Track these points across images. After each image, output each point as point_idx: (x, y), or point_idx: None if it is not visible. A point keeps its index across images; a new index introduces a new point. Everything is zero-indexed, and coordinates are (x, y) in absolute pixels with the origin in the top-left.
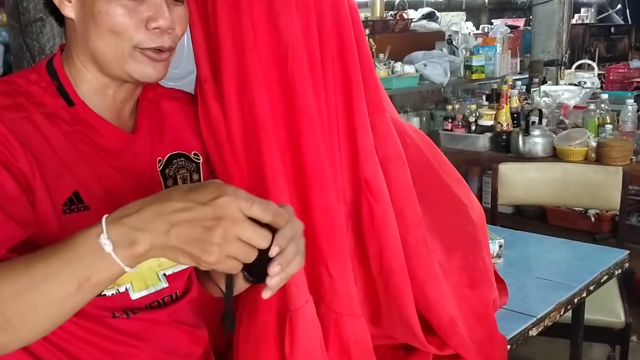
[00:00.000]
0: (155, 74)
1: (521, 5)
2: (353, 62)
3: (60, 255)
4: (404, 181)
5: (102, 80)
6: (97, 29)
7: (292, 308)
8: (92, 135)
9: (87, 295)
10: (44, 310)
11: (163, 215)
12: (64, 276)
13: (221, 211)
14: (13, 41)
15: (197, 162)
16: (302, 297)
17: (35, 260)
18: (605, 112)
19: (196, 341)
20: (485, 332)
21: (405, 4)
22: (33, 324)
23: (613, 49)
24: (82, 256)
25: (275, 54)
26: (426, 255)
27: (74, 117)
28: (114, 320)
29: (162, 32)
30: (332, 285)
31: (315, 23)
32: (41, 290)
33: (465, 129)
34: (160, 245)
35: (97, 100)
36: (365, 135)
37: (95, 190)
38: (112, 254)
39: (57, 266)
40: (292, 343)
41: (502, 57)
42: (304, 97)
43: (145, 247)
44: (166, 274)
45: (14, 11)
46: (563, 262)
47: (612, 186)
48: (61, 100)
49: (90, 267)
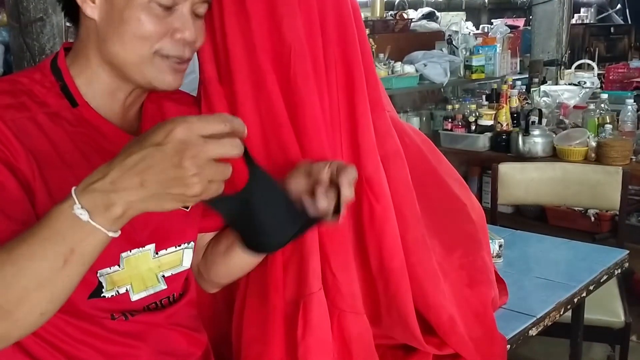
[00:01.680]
0: (174, 82)
1: (521, 5)
2: (356, 61)
3: (39, 235)
4: (404, 180)
5: (115, 82)
6: (123, 33)
7: (308, 292)
8: (95, 137)
9: (77, 268)
10: (35, 291)
11: (129, 170)
12: (48, 254)
13: (180, 143)
14: (13, 41)
15: None
16: (317, 283)
17: (15, 246)
18: (605, 112)
19: (195, 344)
20: (484, 331)
21: (405, 4)
22: (28, 307)
23: (613, 49)
24: (61, 231)
25: (278, 56)
26: (425, 254)
27: (77, 118)
28: (112, 322)
29: (185, 43)
30: (335, 282)
31: (318, 24)
32: (27, 272)
33: (465, 129)
34: (138, 200)
35: (105, 102)
36: (367, 134)
37: None
38: (91, 221)
39: (38, 246)
40: (304, 327)
41: (502, 57)
42: (307, 98)
43: (122, 206)
44: (165, 275)
45: (14, 11)
46: (563, 262)
47: (612, 186)
48: (65, 101)
49: (72, 240)
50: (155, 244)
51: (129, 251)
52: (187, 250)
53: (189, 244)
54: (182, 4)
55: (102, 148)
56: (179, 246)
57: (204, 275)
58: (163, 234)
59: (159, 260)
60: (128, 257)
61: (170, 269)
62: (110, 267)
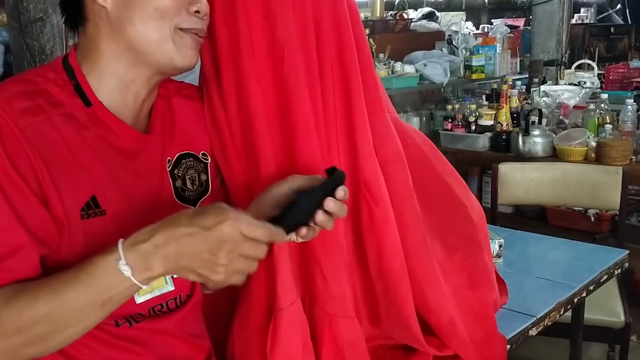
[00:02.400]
0: (195, 58)
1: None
2: (352, 63)
3: (84, 282)
4: (404, 182)
5: (129, 74)
6: (142, 10)
7: (277, 308)
8: (108, 136)
9: (108, 311)
10: (73, 327)
11: (173, 240)
12: (90, 298)
13: (224, 235)
14: (13, 41)
15: (205, 163)
16: (288, 298)
17: (61, 287)
18: (605, 112)
19: (198, 350)
20: (485, 332)
21: (405, 4)
22: (63, 338)
23: (613, 49)
24: (104, 280)
25: (271, 54)
26: (425, 256)
27: (91, 117)
28: (116, 328)
29: (200, 16)
30: (326, 286)
31: (312, 24)
32: (71, 312)
33: (465, 129)
34: (172, 267)
35: (117, 98)
36: (364, 136)
37: (111, 194)
38: (132, 277)
39: (83, 291)
40: (272, 342)
41: (502, 57)
42: (298, 98)
43: (159, 270)
44: (174, 275)
45: (14, 11)
46: (563, 261)
47: (612, 186)
48: (78, 100)
49: (112, 289)
50: None
51: None
52: None
53: None
54: None
55: (115, 147)
56: None
57: None
58: None
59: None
60: None
61: None
62: None
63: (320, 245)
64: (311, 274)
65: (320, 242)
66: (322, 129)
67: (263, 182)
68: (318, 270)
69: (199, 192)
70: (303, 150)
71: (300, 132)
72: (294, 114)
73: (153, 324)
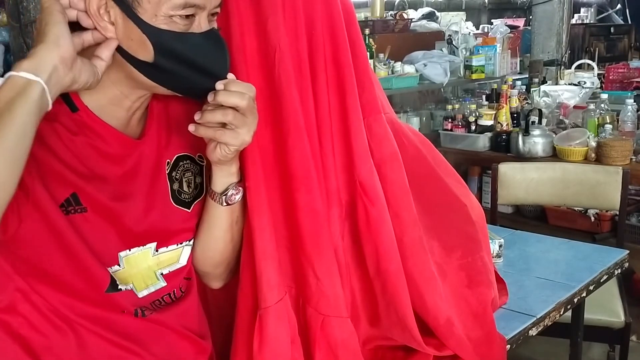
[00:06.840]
0: None
1: (521, 5)
2: (347, 65)
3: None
4: (400, 183)
5: (124, 94)
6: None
7: (263, 306)
8: (95, 141)
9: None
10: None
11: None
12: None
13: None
14: (13, 41)
15: (201, 165)
16: (274, 295)
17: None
18: (605, 112)
19: (201, 351)
20: (484, 332)
21: (405, 4)
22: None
23: (613, 49)
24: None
25: (263, 56)
26: (422, 256)
27: (76, 122)
28: (125, 318)
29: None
30: (319, 286)
31: (303, 26)
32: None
33: (465, 129)
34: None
35: (109, 109)
36: (359, 137)
37: (94, 193)
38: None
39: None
40: (260, 342)
41: (502, 57)
42: (290, 99)
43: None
44: (163, 273)
45: (14, 11)
46: (563, 261)
47: (612, 186)
48: (64, 106)
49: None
50: (157, 242)
51: (128, 250)
52: (187, 247)
53: (190, 241)
54: (199, 15)
55: (102, 151)
56: (180, 244)
57: (201, 267)
58: (165, 233)
59: (157, 258)
60: (127, 256)
61: (168, 267)
62: (111, 267)
63: (313, 245)
64: (304, 274)
65: (313, 243)
66: (314, 129)
67: (249, 180)
68: (311, 270)
69: (194, 195)
70: (294, 151)
71: (291, 133)
72: (285, 115)
73: (158, 315)
